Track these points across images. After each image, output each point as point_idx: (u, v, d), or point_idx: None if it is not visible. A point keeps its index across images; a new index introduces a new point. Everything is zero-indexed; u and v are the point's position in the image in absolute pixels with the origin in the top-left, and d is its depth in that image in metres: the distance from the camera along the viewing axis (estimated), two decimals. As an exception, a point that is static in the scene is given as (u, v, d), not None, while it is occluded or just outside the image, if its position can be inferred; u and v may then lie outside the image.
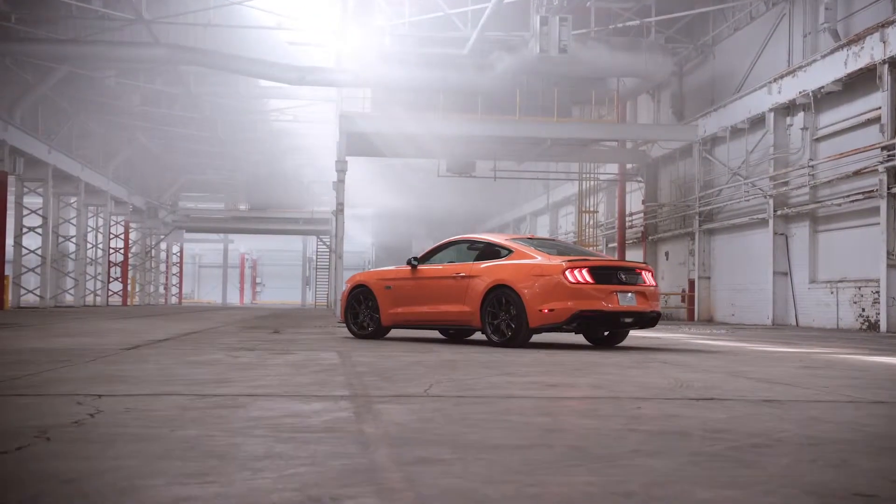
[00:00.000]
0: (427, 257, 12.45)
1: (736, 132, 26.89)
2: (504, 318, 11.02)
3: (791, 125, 24.18)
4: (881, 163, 19.63)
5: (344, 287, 13.41)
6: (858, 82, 21.30)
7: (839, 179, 21.58)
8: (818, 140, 23.17)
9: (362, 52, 28.44)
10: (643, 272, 11.31)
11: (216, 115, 42.67)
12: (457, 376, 6.52)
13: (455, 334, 13.38)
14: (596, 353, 9.85)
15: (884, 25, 19.57)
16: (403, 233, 63.13)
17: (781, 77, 24.03)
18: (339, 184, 28.85)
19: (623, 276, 11.01)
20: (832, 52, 21.61)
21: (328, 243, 54.50)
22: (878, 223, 20.14)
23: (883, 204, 19.60)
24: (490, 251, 11.77)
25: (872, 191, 20.23)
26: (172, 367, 6.99)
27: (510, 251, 11.47)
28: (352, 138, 28.97)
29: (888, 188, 19.50)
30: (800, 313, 23.67)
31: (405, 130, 28.65)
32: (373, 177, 52.49)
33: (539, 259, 11.01)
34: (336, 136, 40.54)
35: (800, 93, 22.97)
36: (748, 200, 25.93)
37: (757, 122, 25.73)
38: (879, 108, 20.23)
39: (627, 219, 35.29)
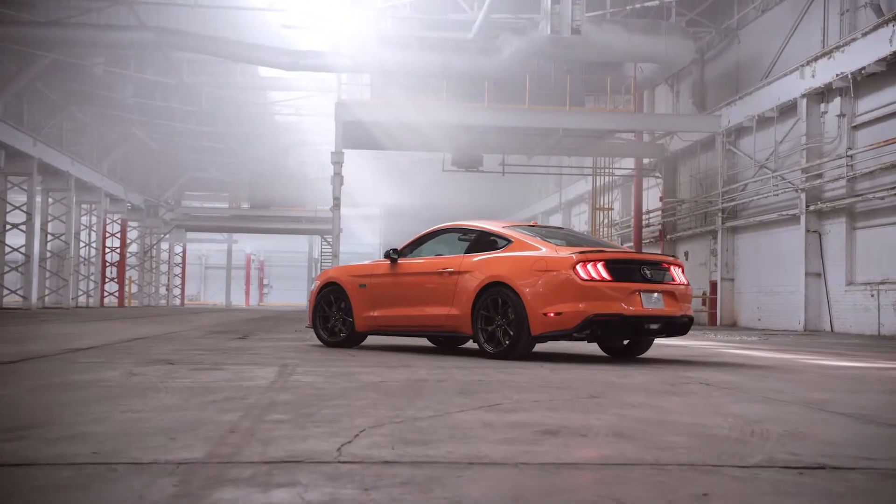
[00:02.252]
0: (410, 249, 10.40)
1: (763, 122, 24.72)
2: (500, 324, 8.96)
3: (826, 112, 22.02)
4: (933, 150, 17.49)
5: (313, 286, 11.36)
6: (904, 62, 19.17)
7: (882, 170, 19.41)
8: (856, 128, 21.01)
9: (360, 35, 26.38)
10: (671, 267, 9.24)
11: (214, 108, 40.70)
12: (412, 412, 4.47)
13: (445, 342, 11.35)
14: (614, 369, 7.78)
15: (936, -4, 17.43)
16: (411, 232, 60.99)
17: (815, 59, 21.88)
18: (336, 177, 26.83)
19: (647, 272, 8.93)
20: (875, 28, 19.46)
21: (332, 243, 52.49)
22: (928, 218, 18.01)
23: (934, 196, 17.45)
24: (484, 241, 9.72)
25: (921, 182, 18.09)
26: (19, 395, 4.99)
27: (508, 241, 9.41)
28: (349, 128, 26.97)
29: (941, 178, 17.35)
30: (835, 318, 21.51)
31: (406, 119, 26.60)
32: (378, 174, 50.57)
33: (544, 251, 8.95)
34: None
35: (837, 75, 20.82)
36: (777, 195, 23.77)
37: (787, 109, 23.58)
38: (929, 89, 18.11)
39: (644, 217, 33.15)
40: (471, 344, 11.26)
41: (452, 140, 28.54)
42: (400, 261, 10.26)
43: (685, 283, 9.33)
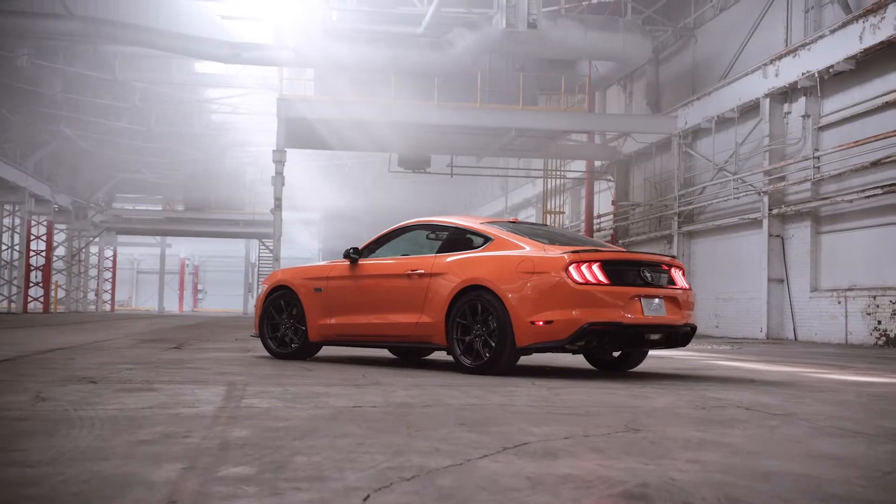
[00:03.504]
0: (372, 248, 9.18)
1: (723, 123, 23.97)
2: (480, 334, 7.79)
3: (789, 112, 21.29)
4: (907, 151, 16.79)
5: (260, 289, 10.06)
6: (874, 60, 18.48)
7: (852, 172, 18.69)
8: (822, 129, 20.31)
9: (305, 27, 25.03)
10: (672, 269, 8.17)
11: (149, 106, 38.91)
12: (419, 460, 3.27)
13: (408, 353, 10.16)
14: (620, 388, 6.66)
15: (911, -10, 16.75)
16: (352, 235, 59.69)
17: (779, 58, 21.16)
18: (278, 176, 25.48)
19: (648, 275, 7.84)
20: (844, 25, 18.76)
21: (270, 247, 50.88)
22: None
23: (909, 199, 16.75)
24: (459, 240, 8.55)
25: (894, 184, 17.37)
26: None
27: (488, 239, 8.24)
28: (292, 126, 25.64)
29: (916, 180, 16.65)
30: (798, 326, 20.77)
31: (351, 116, 25.33)
32: (319, 176, 49.13)
33: (530, 250, 7.81)
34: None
35: (803, 74, 20.09)
36: (738, 199, 23.00)
37: (748, 110, 22.85)
38: (901, 88, 17.44)
39: (595, 221, 32.30)
40: (438, 355, 10.11)
41: (400, 139, 27.34)
42: (361, 261, 9.04)
43: (687, 287, 8.27)
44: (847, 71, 19.02)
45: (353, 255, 9.05)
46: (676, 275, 8.18)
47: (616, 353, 8.73)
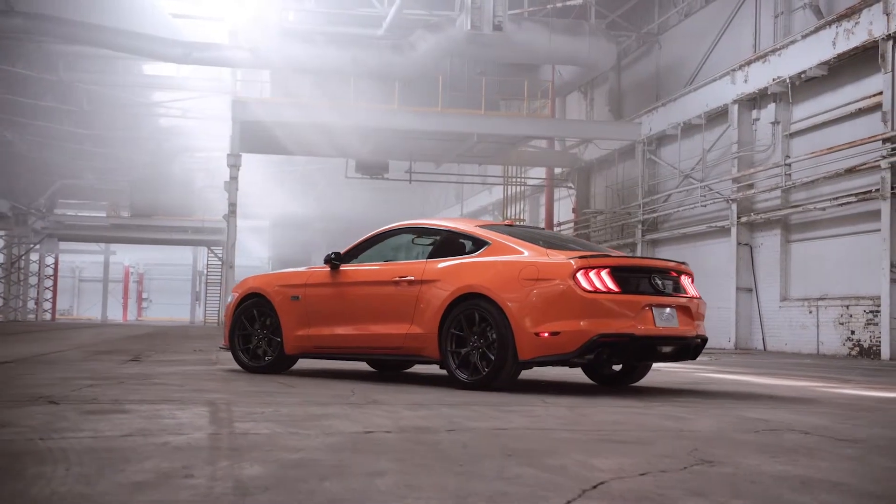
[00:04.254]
0: (355, 253, 8.48)
1: (689, 129, 23.65)
2: (478, 346, 7.14)
3: (758, 119, 21.03)
4: (883, 157, 16.49)
5: (229, 298, 9.30)
6: (847, 66, 18.25)
7: (825, 179, 18.39)
8: (792, 135, 20.04)
9: (260, 27, 24.22)
10: (682, 276, 7.61)
11: (95, 108, 37.66)
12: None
13: (387, 365, 9.46)
14: (638, 405, 6.03)
15: (888, -6, 16.49)
16: (304, 243, 58.73)
17: (748, 63, 20.87)
18: (232, 181, 24.64)
19: (659, 283, 7.27)
20: (816, 30, 18.50)
21: (220, 255, 49.74)
22: (876, 230, 17.02)
23: (885, 206, 16.44)
24: (451, 244, 7.90)
25: (869, 191, 17.09)
26: None
27: (484, 243, 7.59)
28: (246, 129, 24.78)
29: (892, 188, 16.35)
30: (768, 335, 20.45)
31: (309, 119, 24.52)
32: (271, 182, 48.08)
33: (532, 255, 7.19)
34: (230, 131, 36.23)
35: (774, 80, 19.80)
36: (705, 206, 22.66)
37: (715, 116, 22.54)
38: (876, 94, 17.17)
39: (556, 229, 31.85)
40: (419, 368, 9.44)
41: (359, 144, 26.60)
42: (343, 267, 8.34)
43: (698, 295, 7.71)
44: (819, 77, 18.76)
45: (335, 259, 8.34)
46: (686, 282, 7.63)
47: (617, 367, 8.14)
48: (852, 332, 17.78)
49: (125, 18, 27.56)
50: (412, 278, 7.69)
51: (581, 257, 6.99)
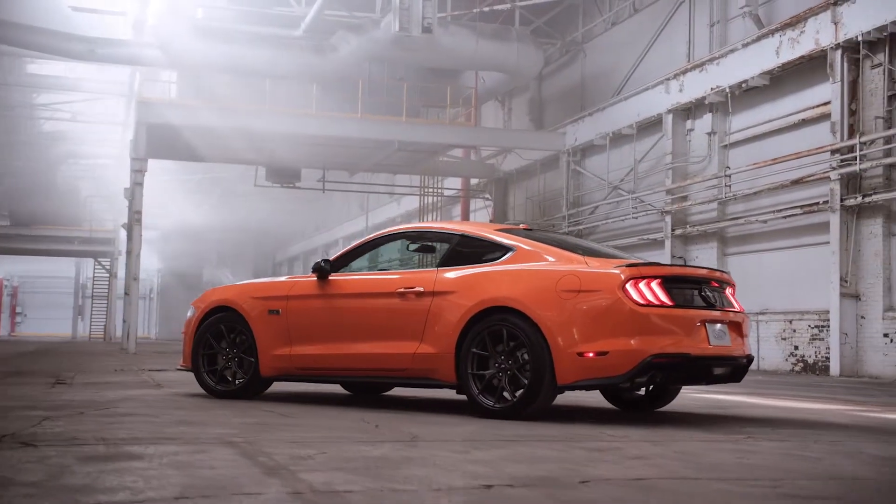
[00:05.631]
0: (347, 260, 7.36)
1: (619, 139, 23.15)
2: (507, 368, 6.14)
3: (692, 129, 20.66)
4: (833, 168, 16.19)
5: (189, 312, 8.01)
6: (788, 76, 17.98)
7: (769, 191, 18.04)
8: (728, 146, 19.71)
9: (169, 24, 22.61)
10: (727, 287, 6.78)
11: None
12: None
13: (363, 388, 8.34)
14: (721, 436, 5.04)
15: (836, 3, 16.22)
16: (197, 254, 56.49)
17: (684, 72, 20.48)
18: (137, 187, 23.01)
19: (710, 294, 6.43)
20: (759, 38, 18.18)
21: (108, 266, 47.20)
22: (822, 242, 16.73)
23: (834, 219, 16.13)
24: (465, 250, 6.87)
25: (816, 203, 16.77)
26: None
27: (508, 249, 6.59)
28: (152, 132, 23.03)
29: (841, 200, 16.04)
30: (703, 350, 19.98)
31: (221, 124, 22.99)
32: (166, 190, 45.88)
33: (565, 263, 6.26)
34: (123, 140, 34.33)
35: (712, 89, 19.42)
36: (636, 218, 22.15)
37: (647, 126, 22.08)
38: (822, 104, 16.92)
39: (471, 241, 31.00)
40: (398, 391, 8.32)
41: (274, 150, 25.20)
42: (334, 277, 7.21)
43: (743, 309, 6.90)
44: (759, 87, 18.45)
45: (325, 266, 7.19)
46: (730, 294, 6.80)
47: (646, 391, 7.22)
48: (796, 348, 17.44)
49: (17, 10, 25.49)
50: (421, 289, 6.63)
51: (630, 266, 6.08)
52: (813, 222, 17.14)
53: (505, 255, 6.57)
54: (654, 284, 6.04)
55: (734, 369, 6.50)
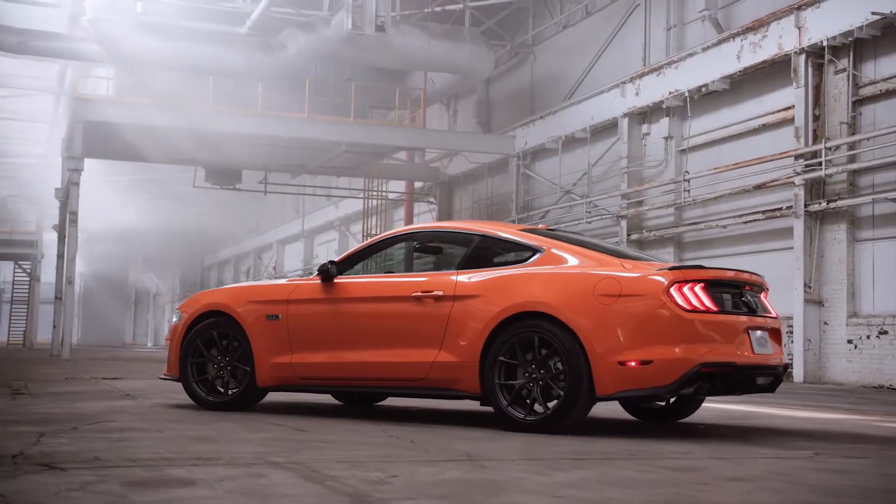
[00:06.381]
0: (354, 261, 6.84)
1: (571, 143, 22.91)
2: (539, 377, 5.71)
3: (648, 133, 20.52)
4: (797, 174, 16.14)
5: (175, 317, 7.38)
6: (748, 81, 17.92)
7: (730, 195, 17.93)
8: (685, 151, 19.61)
9: (108, 18, 21.62)
10: (762, 291, 6.45)
11: None
12: None
13: (353, 398, 7.82)
14: (787, 452, 4.64)
15: (800, 7, 16.19)
16: (122, 257, 54.90)
17: (640, 76, 20.33)
18: (73, 187, 22.05)
19: (750, 300, 6.11)
20: (719, 42, 18.09)
21: (29, 270, 45.46)
22: (783, 248, 16.68)
23: (798, 224, 16.06)
24: (488, 252, 6.45)
25: (779, 208, 16.71)
26: None
27: (536, 250, 6.17)
28: (89, 129, 22.04)
29: (805, 205, 15.99)
30: (658, 356, 19.83)
31: (161, 122, 22.09)
32: (90, 191, 44.36)
33: (600, 266, 5.88)
34: (50, 139, 33.14)
35: (670, 93, 19.28)
36: (590, 223, 21.91)
37: (601, 130, 21.87)
38: (785, 108, 16.88)
39: (415, 245, 30.52)
40: (397, 401, 7.79)
41: (215, 150, 24.37)
42: (341, 280, 6.68)
43: (777, 314, 6.57)
44: (719, 91, 18.36)
45: (331, 268, 6.66)
46: (764, 298, 6.47)
47: (669, 402, 6.84)
48: (756, 353, 17.33)
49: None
50: (440, 293, 6.16)
51: (673, 269, 5.70)
52: (775, 227, 17.08)
53: (533, 256, 6.15)
54: (699, 289, 5.69)
55: (776, 378, 6.17)
